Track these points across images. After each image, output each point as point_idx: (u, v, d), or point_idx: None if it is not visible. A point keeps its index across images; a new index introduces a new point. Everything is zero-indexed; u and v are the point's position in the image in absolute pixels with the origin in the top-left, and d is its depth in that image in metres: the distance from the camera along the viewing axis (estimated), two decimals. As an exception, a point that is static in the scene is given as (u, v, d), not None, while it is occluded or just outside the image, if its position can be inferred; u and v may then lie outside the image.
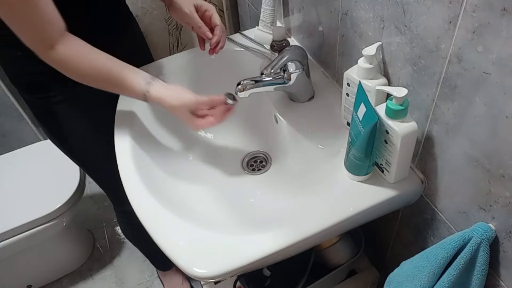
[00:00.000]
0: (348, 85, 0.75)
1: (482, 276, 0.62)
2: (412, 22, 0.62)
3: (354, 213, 0.69)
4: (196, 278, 0.66)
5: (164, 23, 1.54)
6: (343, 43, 0.82)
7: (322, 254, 0.99)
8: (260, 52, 1.03)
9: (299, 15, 0.96)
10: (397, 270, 0.72)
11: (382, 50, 0.71)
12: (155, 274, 1.59)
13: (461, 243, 0.61)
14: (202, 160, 0.99)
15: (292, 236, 0.67)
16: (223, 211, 0.89)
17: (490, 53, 0.51)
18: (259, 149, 1.02)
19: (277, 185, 0.93)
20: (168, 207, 0.77)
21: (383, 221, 0.89)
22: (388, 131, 0.66)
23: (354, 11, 0.74)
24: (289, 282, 0.98)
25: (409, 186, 0.73)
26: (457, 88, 0.58)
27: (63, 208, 1.35)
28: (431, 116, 0.66)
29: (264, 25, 1.06)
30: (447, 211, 0.72)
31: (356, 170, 0.72)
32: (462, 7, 0.52)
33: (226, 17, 1.52)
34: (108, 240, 1.73)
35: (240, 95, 0.80)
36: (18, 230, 1.31)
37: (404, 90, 0.62)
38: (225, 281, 1.06)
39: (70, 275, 1.64)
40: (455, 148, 0.63)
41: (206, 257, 0.67)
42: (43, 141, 1.60)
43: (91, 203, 1.85)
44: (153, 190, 0.79)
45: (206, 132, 1.02)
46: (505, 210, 0.58)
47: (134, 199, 0.77)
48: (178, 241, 0.69)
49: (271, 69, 0.81)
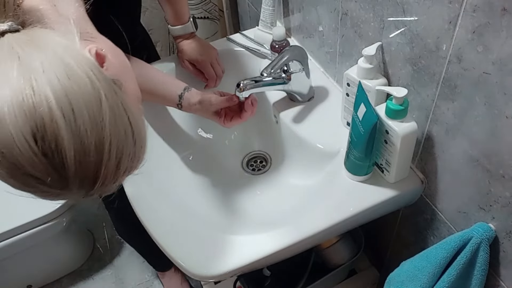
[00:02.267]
0: (348, 85, 0.75)
1: (482, 276, 0.62)
2: (412, 22, 0.62)
3: (354, 213, 0.69)
4: (196, 278, 0.66)
5: (164, 22, 1.53)
6: (343, 43, 0.82)
7: (322, 254, 0.99)
8: (260, 52, 1.03)
9: (299, 15, 0.96)
10: (397, 270, 0.72)
11: (382, 50, 0.71)
12: (155, 274, 1.59)
13: (461, 243, 0.61)
14: (202, 160, 0.99)
15: (292, 236, 0.67)
16: (223, 211, 0.89)
17: (490, 53, 0.51)
18: (259, 149, 1.02)
19: (277, 185, 0.93)
20: (168, 207, 0.77)
21: (383, 221, 0.89)
22: (388, 131, 0.66)
23: (354, 11, 0.74)
24: (289, 282, 0.98)
25: (409, 186, 0.73)
26: (457, 88, 0.58)
27: (63, 208, 1.35)
28: (431, 116, 0.66)
29: (264, 25, 1.06)
30: (447, 211, 0.72)
31: (356, 170, 0.72)
32: (462, 7, 0.52)
33: (226, 17, 1.51)
34: (108, 240, 1.73)
35: (240, 95, 0.80)
36: (18, 230, 1.30)
37: (404, 90, 0.62)
38: (225, 281, 1.06)
39: (70, 275, 1.63)
40: (455, 148, 0.63)
41: (206, 257, 0.67)
42: (43, 141, 1.59)
43: (91, 203, 1.85)
44: (153, 190, 0.79)
45: (206, 132, 1.02)
46: (505, 210, 0.58)
47: (134, 199, 0.77)
48: (178, 241, 0.69)
49: (271, 69, 0.81)
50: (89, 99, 0.41)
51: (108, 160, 0.43)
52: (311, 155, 0.84)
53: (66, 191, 0.44)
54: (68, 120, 0.40)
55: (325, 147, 0.81)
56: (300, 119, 0.87)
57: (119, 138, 0.44)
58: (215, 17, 1.58)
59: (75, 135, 0.40)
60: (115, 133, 0.43)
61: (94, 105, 0.41)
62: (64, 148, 0.40)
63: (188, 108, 0.85)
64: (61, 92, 0.40)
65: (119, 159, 0.44)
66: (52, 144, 0.39)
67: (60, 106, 0.39)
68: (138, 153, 0.48)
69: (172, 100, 0.85)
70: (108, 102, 0.42)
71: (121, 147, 0.44)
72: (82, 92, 0.41)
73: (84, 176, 0.43)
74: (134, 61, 0.85)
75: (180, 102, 0.84)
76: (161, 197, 0.79)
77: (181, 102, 0.84)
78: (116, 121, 0.43)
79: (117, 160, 0.44)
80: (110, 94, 0.43)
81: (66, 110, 0.40)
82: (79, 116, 0.40)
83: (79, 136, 0.40)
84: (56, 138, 0.39)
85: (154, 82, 0.86)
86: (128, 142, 0.45)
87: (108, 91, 0.43)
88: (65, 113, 0.40)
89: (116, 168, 0.45)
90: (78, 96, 0.41)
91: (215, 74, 0.97)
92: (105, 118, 0.42)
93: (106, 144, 0.42)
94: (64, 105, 0.40)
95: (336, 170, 0.76)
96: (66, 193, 0.44)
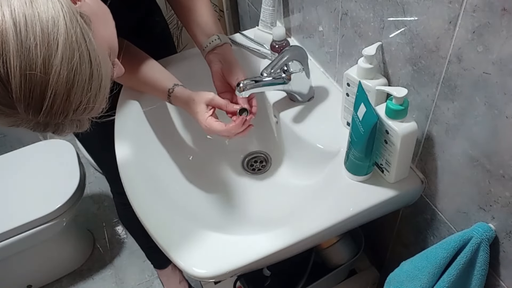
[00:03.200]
0: (348, 85, 0.75)
1: (482, 276, 0.62)
2: (412, 22, 0.62)
3: (354, 213, 0.69)
4: (196, 278, 0.66)
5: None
6: (343, 43, 0.82)
7: (322, 254, 0.99)
8: (260, 52, 1.03)
9: (299, 15, 0.96)
10: (397, 270, 0.72)
11: (382, 50, 0.71)
12: (155, 274, 1.59)
13: (461, 243, 0.61)
14: (202, 160, 0.99)
15: (292, 236, 0.67)
16: (223, 211, 0.89)
17: (490, 53, 0.51)
18: (259, 149, 1.02)
19: (277, 185, 0.93)
20: (168, 207, 0.77)
21: (383, 221, 0.89)
22: (388, 131, 0.66)
23: (354, 11, 0.74)
24: (289, 282, 0.98)
25: (409, 186, 0.73)
26: (457, 88, 0.58)
27: (63, 208, 1.35)
28: (431, 116, 0.66)
29: (264, 25, 1.06)
30: (447, 211, 0.72)
31: (356, 170, 0.72)
32: (462, 7, 0.52)
33: (226, 17, 1.52)
34: (108, 240, 1.73)
35: (240, 95, 0.80)
36: (18, 230, 1.30)
37: (404, 90, 0.62)
38: (225, 281, 1.06)
39: (70, 275, 1.63)
40: (455, 148, 0.63)
41: (206, 257, 0.67)
42: (43, 141, 1.60)
43: (91, 203, 1.85)
44: (153, 190, 0.79)
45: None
46: (505, 210, 0.58)
47: (134, 198, 0.77)
48: (178, 241, 0.69)
49: (271, 69, 0.81)
50: (46, 16, 0.43)
51: (56, 82, 0.44)
52: (311, 155, 0.84)
53: (14, 111, 0.44)
54: (19, 30, 0.41)
55: (325, 147, 0.81)
56: (300, 119, 0.87)
57: (71, 62, 0.44)
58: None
59: (23, 45, 0.41)
60: (67, 56, 0.44)
61: (49, 22, 0.43)
62: (9, 56, 0.41)
63: (176, 100, 0.85)
64: (18, 5, 0.42)
65: (70, 86, 0.45)
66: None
67: (13, 16, 0.41)
68: (95, 89, 0.48)
69: (163, 90, 0.85)
70: (66, 25, 0.44)
71: (73, 73, 0.44)
72: (40, 9, 0.43)
73: (30, 94, 0.43)
74: (135, 49, 0.87)
75: (170, 93, 0.85)
76: (161, 197, 0.79)
77: (171, 94, 0.84)
78: (71, 45, 0.44)
79: (67, 86, 0.44)
80: (70, 19, 0.44)
81: (19, 20, 0.41)
82: (30, 28, 0.42)
83: (27, 48, 0.42)
84: (3, 44, 0.41)
85: (149, 69, 0.87)
86: (83, 71, 0.46)
87: (70, 16, 0.44)
88: (16, 23, 0.41)
89: (67, 96, 0.45)
90: (34, 11, 0.42)
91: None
92: (59, 37, 0.43)
93: (55, 63, 0.43)
94: (18, 15, 0.42)
95: (336, 170, 0.76)
96: (14, 115, 0.45)
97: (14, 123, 0.47)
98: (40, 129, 0.48)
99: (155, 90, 0.88)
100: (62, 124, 0.48)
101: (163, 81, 0.87)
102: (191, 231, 0.71)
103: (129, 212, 1.00)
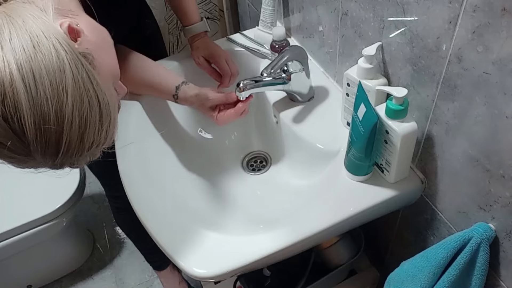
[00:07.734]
0: (348, 85, 0.75)
1: (482, 276, 0.62)
2: (412, 22, 0.62)
3: (354, 213, 0.69)
4: (196, 278, 0.66)
5: (164, 22, 1.54)
6: (343, 43, 0.82)
7: (322, 254, 0.99)
8: (260, 52, 1.03)
9: (299, 15, 0.96)
10: (397, 270, 0.72)
11: (382, 50, 0.71)
12: (155, 274, 1.59)
13: (461, 243, 0.61)
14: (202, 160, 0.99)
15: (292, 236, 0.67)
16: (223, 211, 0.89)
17: (490, 53, 0.51)
18: (259, 149, 1.02)
19: (277, 185, 0.93)
20: (168, 207, 0.77)
21: (383, 221, 0.89)
22: (388, 131, 0.66)
23: (354, 11, 0.74)
24: (289, 282, 0.98)
25: (409, 186, 0.73)
26: (457, 88, 0.58)
27: (63, 208, 1.35)
28: (431, 116, 0.66)
29: (264, 25, 1.06)
30: (447, 211, 0.72)
31: (356, 170, 0.72)
32: (462, 7, 0.52)
33: (226, 17, 1.52)
34: (108, 240, 1.73)
35: (240, 96, 0.80)
36: (18, 230, 1.30)
37: (404, 90, 0.62)
38: (225, 281, 1.06)
39: (70, 275, 1.63)
40: (455, 148, 0.63)
41: (206, 257, 0.67)
42: (43, 141, 1.59)
43: (91, 203, 1.85)
44: (153, 190, 0.79)
45: (206, 132, 1.02)
46: (505, 210, 0.58)
47: (134, 198, 0.77)
48: (178, 241, 0.69)
49: (271, 69, 0.81)
50: (52, 68, 0.43)
51: (70, 129, 0.45)
52: (311, 155, 0.84)
53: (30, 158, 0.46)
54: (28, 86, 0.42)
55: (325, 147, 0.81)
56: (300, 119, 0.87)
57: (82, 109, 0.45)
58: (215, 17, 1.59)
59: (35, 101, 0.42)
60: (78, 104, 0.45)
61: (56, 74, 0.43)
62: (23, 113, 0.42)
63: (184, 100, 0.86)
64: (24, 59, 0.42)
65: (83, 131, 0.46)
66: (11, 109, 0.42)
67: (21, 72, 0.42)
68: (105, 127, 0.49)
69: (169, 91, 0.86)
70: (72, 73, 0.44)
71: (84, 118, 0.46)
72: (45, 61, 0.43)
73: (46, 144, 0.44)
74: (133, 53, 0.87)
75: (176, 93, 0.85)
76: (161, 197, 0.79)
77: (178, 93, 0.85)
78: (80, 92, 0.45)
79: (80, 131, 0.46)
80: (75, 65, 0.45)
81: (27, 76, 0.42)
82: (40, 83, 0.42)
83: (39, 103, 0.42)
84: (15, 103, 0.42)
85: (152, 73, 0.88)
86: (93, 114, 0.47)
87: (74, 62, 0.45)
88: (25, 79, 0.42)
89: (80, 139, 0.46)
90: (41, 64, 0.43)
91: (230, 70, 0.96)
92: (67, 87, 0.44)
93: (67, 113, 0.44)
94: (25, 71, 0.42)
95: (336, 170, 0.76)
96: (31, 161, 0.47)
97: (32, 167, 0.49)
98: (57, 168, 0.50)
99: (159, 91, 0.88)
100: (77, 160, 0.50)
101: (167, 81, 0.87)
102: (191, 231, 0.71)
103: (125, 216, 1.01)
